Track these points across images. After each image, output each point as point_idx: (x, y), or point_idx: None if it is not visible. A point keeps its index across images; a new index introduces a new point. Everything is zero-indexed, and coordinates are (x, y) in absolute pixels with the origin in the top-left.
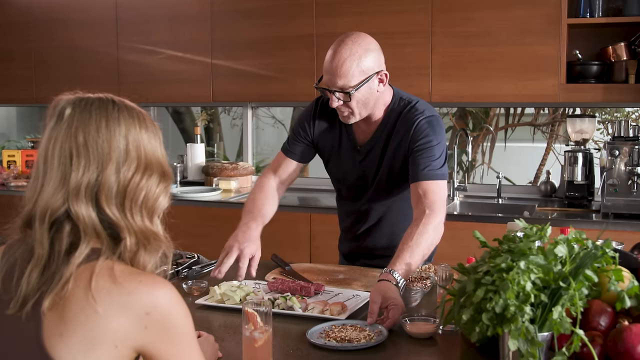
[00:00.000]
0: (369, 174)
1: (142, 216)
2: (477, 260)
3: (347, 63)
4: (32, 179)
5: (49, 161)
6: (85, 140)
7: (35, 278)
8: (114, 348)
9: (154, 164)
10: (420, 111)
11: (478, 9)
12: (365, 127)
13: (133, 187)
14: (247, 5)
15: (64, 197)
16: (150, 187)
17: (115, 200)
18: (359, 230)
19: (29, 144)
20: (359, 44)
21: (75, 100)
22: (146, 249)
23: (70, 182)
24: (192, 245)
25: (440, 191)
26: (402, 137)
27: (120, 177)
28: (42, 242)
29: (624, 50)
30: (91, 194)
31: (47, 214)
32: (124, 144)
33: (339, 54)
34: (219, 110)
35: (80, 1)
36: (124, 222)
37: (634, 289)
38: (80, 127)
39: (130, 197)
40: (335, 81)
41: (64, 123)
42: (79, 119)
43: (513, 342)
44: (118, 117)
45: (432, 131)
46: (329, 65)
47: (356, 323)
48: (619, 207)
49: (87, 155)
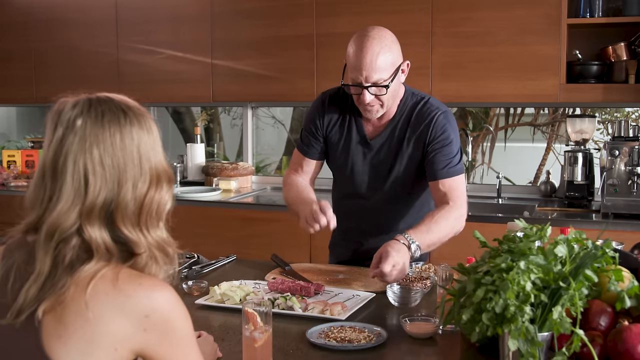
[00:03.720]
0: (382, 169)
1: (155, 227)
2: (477, 260)
3: (381, 56)
4: (36, 185)
5: (60, 175)
6: (100, 157)
7: (34, 293)
8: (113, 350)
9: (162, 173)
10: (435, 106)
11: (478, 9)
12: (376, 120)
13: (148, 202)
14: (247, 6)
15: (76, 216)
16: (161, 197)
17: (132, 218)
18: (363, 230)
19: (29, 144)
20: (385, 37)
21: (84, 108)
22: (157, 261)
23: (86, 201)
24: (192, 245)
25: (461, 186)
26: (420, 132)
27: (137, 194)
28: (45, 260)
29: (624, 50)
30: (106, 213)
31: (57, 232)
32: (137, 158)
33: (370, 48)
34: (219, 110)
35: (80, 1)
36: (138, 237)
37: (634, 289)
38: (95, 143)
39: (145, 213)
40: (370, 76)
41: (76, 136)
42: (92, 133)
43: (513, 342)
44: (131, 130)
45: (450, 126)
46: (361, 62)
47: (355, 325)
48: (619, 207)
49: (104, 173)
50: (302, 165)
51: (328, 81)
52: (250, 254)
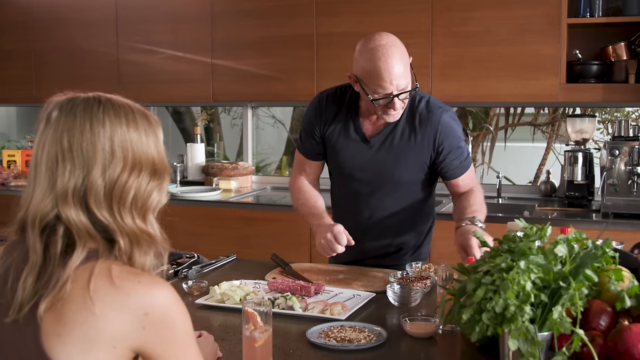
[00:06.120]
0: (382, 167)
1: (133, 216)
2: (477, 260)
3: (402, 63)
4: (27, 183)
5: (38, 166)
6: (70, 144)
7: (31, 284)
8: (112, 348)
9: (143, 162)
10: (438, 106)
11: (478, 8)
12: (374, 118)
13: (120, 187)
14: (247, 5)
15: (53, 202)
16: (140, 185)
17: (104, 202)
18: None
19: (29, 144)
20: (397, 42)
21: (62, 102)
22: (140, 249)
23: (57, 186)
24: (192, 245)
25: (473, 173)
26: (426, 132)
27: (107, 178)
28: (36, 248)
29: (624, 50)
30: (79, 197)
31: (37, 219)
32: (109, 145)
33: (394, 58)
34: (219, 110)
35: (80, 1)
36: (115, 223)
37: (634, 288)
38: (65, 131)
39: (118, 198)
40: (400, 84)
41: (51, 127)
42: (65, 122)
43: (513, 342)
44: (103, 118)
45: (456, 124)
46: (391, 72)
47: (355, 324)
48: (619, 207)
49: (72, 159)
50: (304, 167)
51: (328, 81)
52: (250, 254)
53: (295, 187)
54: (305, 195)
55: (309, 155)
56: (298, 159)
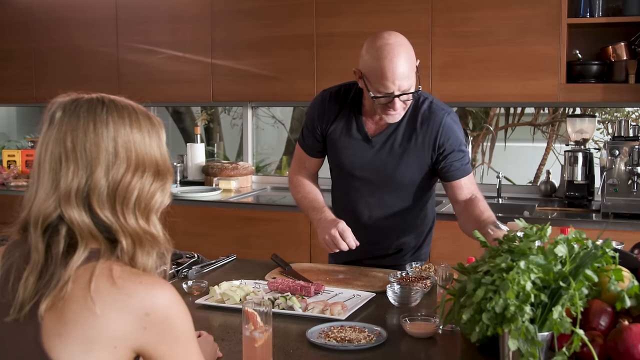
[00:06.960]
0: (383, 167)
1: (137, 217)
2: (477, 260)
3: (407, 64)
4: (29, 183)
5: (42, 167)
6: (73, 145)
7: (32, 283)
8: (113, 348)
9: (147, 163)
10: (441, 107)
11: (478, 8)
12: (377, 117)
13: (123, 188)
14: (247, 5)
15: (55, 203)
16: (143, 186)
17: (107, 203)
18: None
19: (29, 144)
20: (405, 43)
21: (66, 103)
22: (143, 250)
23: (60, 187)
24: (192, 245)
25: (474, 180)
26: (427, 134)
27: (110, 179)
28: (38, 248)
29: (624, 50)
30: (82, 198)
31: (40, 219)
32: (112, 146)
33: (399, 58)
34: (219, 110)
35: (80, 1)
36: (118, 224)
37: (634, 288)
38: (69, 131)
39: (121, 199)
40: (402, 85)
41: (54, 128)
42: (68, 122)
43: (513, 342)
44: (106, 119)
45: (457, 127)
46: (395, 72)
47: (355, 324)
48: (619, 207)
49: (76, 159)
50: (304, 162)
51: (328, 81)
52: (250, 254)
53: (295, 180)
54: (305, 189)
55: (309, 152)
56: (298, 153)
